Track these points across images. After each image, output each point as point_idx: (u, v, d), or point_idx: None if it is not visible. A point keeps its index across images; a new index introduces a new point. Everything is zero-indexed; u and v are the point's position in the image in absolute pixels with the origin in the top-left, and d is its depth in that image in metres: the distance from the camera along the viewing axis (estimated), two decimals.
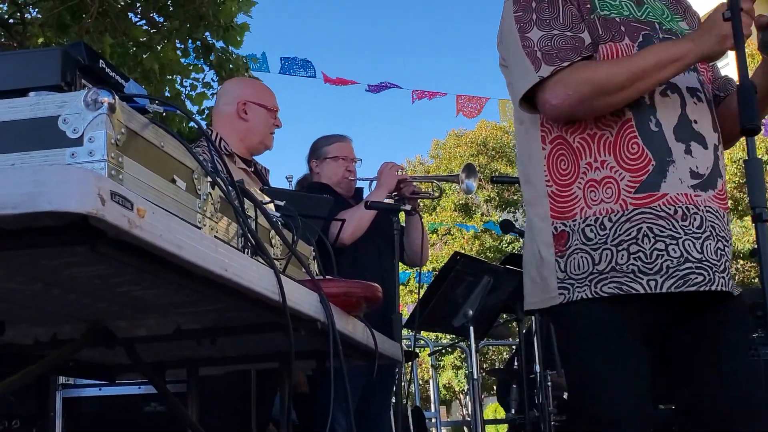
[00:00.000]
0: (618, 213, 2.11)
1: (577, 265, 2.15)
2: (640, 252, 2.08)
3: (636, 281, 2.08)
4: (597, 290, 2.11)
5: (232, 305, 1.62)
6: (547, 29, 2.18)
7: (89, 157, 1.29)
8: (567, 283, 2.16)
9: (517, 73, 2.22)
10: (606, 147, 2.15)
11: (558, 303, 2.18)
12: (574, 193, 2.17)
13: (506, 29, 2.28)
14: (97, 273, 1.34)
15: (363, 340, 2.18)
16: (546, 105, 2.15)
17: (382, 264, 4.02)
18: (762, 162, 1.71)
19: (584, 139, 2.17)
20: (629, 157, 2.12)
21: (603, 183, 2.14)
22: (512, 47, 2.24)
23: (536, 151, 2.27)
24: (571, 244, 2.17)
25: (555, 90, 2.12)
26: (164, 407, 3.64)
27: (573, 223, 2.17)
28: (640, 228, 2.09)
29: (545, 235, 2.23)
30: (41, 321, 1.78)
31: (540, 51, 2.15)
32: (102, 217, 0.98)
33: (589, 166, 2.16)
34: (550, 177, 2.22)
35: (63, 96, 1.33)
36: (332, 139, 4.35)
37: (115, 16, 6.91)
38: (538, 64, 2.14)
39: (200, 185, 1.67)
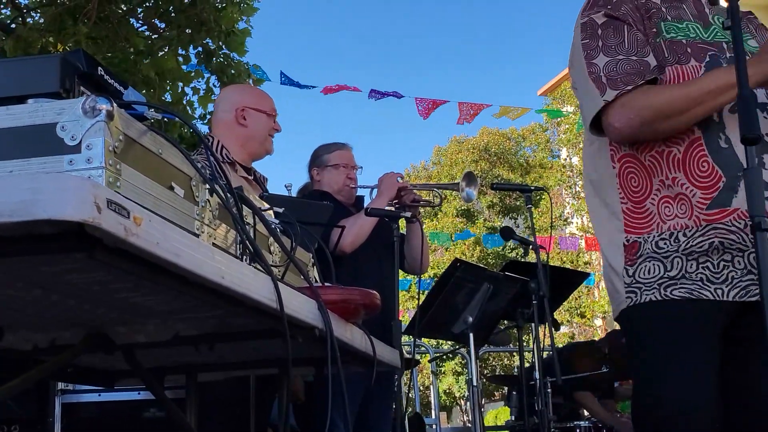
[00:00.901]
0: (692, 228, 2.18)
1: (648, 270, 2.23)
2: (708, 262, 2.17)
3: (705, 288, 2.17)
4: (667, 293, 2.19)
5: (231, 312, 1.63)
6: (613, 55, 2.26)
7: (87, 164, 1.29)
8: (634, 287, 2.25)
9: (586, 99, 2.30)
10: (675, 164, 2.22)
11: (625, 307, 2.26)
12: (648, 209, 2.26)
13: (575, 56, 2.36)
14: (97, 279, 1.34)
15: (361, 347, 2.18)
16: (610, 128, 2.24)
17: (382, 271, 4.02)
18: (761, 171, 1.71)
19: (654, 157, 2.25)
20: (699, 175, 2.19)
21: (677, 199, 2.21)
22: (580, 73, 2.32)
23: (607, 169, 2.36)
24: (642, 253, 2.25)
25: (618, 114, 2.21)
26: (164, 413, 3.63)
27: (648, 236, 2.25)
28: (712, 242, 2.17)
29: (617, 247, 2.31)
30: (40, 327, 1.78)
31: (605, 76, 2.23)
32: (98, 225, 0.98)
33: (662, 184, 2.23)
34: (624, 194, 2.31)
35: (61, 103, 1.34)
36: (333, 147, 4.35)
37: (117, 21, 6.92)
38: (603, 89, 2.22)
39: (198, 192, 1.67)
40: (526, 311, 4.85)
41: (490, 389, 24.88)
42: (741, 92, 1.71)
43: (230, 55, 7.31)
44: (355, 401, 3.75)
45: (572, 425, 5.99)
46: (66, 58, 1.51)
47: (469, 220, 27.19)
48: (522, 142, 29.91)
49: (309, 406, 3.59)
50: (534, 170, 28.37)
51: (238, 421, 3.04)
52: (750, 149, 1.68)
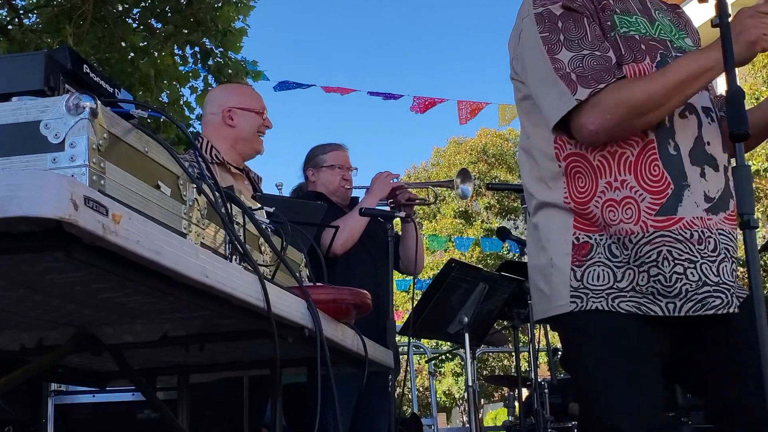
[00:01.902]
0: (638, 235, 2.09)
1: (597, 276, 2.13)
2: (660, 275, 2.07)
3: (655, 303, 2.08)
4: (614, 305, 2.10)
5: (218, 312, 1.61)
6: (577, 50, 2.13)
7: (70, 162, 1.28)
8: (581, 293, 2.14)
9: (549, 96, 2.16)
10: (626, 166, 2.12)
11: (569, 311, 2.15)
12: (591, 212, 2.15)
13: (529, 49, 2.23)
14: (78, 279, 1.34)
15: (353, 347, 2.17)
16: (582, 130, 2.11)
17: (376, 272, 4.00)
18: (750, 168, 1.70)
19: (604, 157, 2.14)
20: (650, 179, 2.10)
21: (623, 203, 2.11)
22: (539, 69, 2.19)
23: (550, 166, 2.24)
24: (593, 256, 2.14)
25: (592, 115, 2.07)
26: (158, 414, 3.62)
27: (600, 237, 2.15)
28: (660, 251, 2.08)
29: (562, 245, 2.20)
30: (27, 327, 1.77)
31: (573, 73, 2.11)
32: (75, 222, 0.97)
33: (608, 186, 2.13)
34: (569, 194, 2.20)
35: (45, 101, 1.32)
36: (328, 147, 4.33)
37: (113, 22, 6.91)
38: (573, 87, 2.09)
39: (186, 191, 1.65)
40: (522, 311, 4.84)
41: (489, 390, 24.87)
42: (729, 88, 1.70)
43: (227, 54, 7.30)
44: (350, 402, 3.73)
45: (570, 425, 5.98)
46: (51, 55, 1.49)
47: (467, 221, 27.19)
48: None
49: (301, 407, 3.58)
50: None
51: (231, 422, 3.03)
52: (739, 146, 1.67)
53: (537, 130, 2.29)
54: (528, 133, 2.35)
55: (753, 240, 1.64)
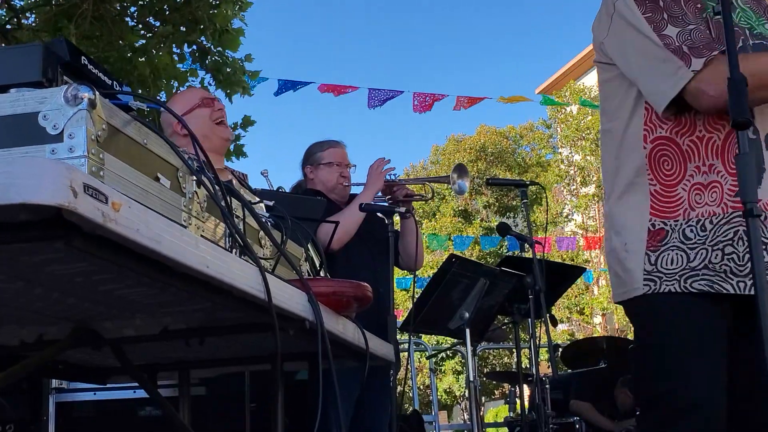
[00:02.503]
0: (719, 216, 2.14)
1: (671, 260, 2.18)
2: (734, 254, 2.12)
3: (727, 281, 2.12)
4: (686, 285, 2.15)
5: (218, 305, 1.61)
6: (683, 25, 2.18)
7: (69, 153, 1.27)
8: (654, 276, 2.19)
9: (658, 74, 2.18)
10: (714, 151, 2.17)
11: (641, 294, 2.21)
12: (678, 194, 2.20)
13: (631, 30, 2.25)
14: (78, 271, 1.33)
15: (354, 340, 2.16)
16: (703, 97, 2.11)
17: (376, 268, 4.00)
18: (753, 156, 1.69)
19: (693, 142, 2.19)
20: (733, 162, 2.12)
21: (709, 187, 2.17)
22: (645, 49, 2.21)
23: (635, 148, 2.28)
24: (668, 241, 2.19)
25: (713, 81, 2.08)
26: (159, 411, 3.62)
27: (675, 223, 2.20)
28: (737, 231, 2.12)
29: (638, 230, 2.25)
30: (27, 321, 1.76)
31: (684, 45, 2.14)
32: (74, 209, 0.96)
33: (697, 170, 2.18)
34: (653, 176, 2.24)
35: (43, 92, 1.32)
36: (326, 144, 4.32)
37: (111, 20, 6.89)
38: (687, 60, 2.12)
39: (185, 183, 1.65)
40: (523, 306, 4.83)
41: (490, 387, 24.86)
42: (731, 75, 1.69)
43: (225, 53, 7.28)
44: (350, 397, 3.72)
45: (572, 420, 5.98)
46: (49, 47, 1.49)
47: (467, 220, 27.17)
48: (520, 140, 29.89)
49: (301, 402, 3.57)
50: (531, 169, 28.35)
51: None
52: (743, 134, 1.66)
53: (620, 113, 2.33)
54: (610, 116, 2.38)
55: (756, 228, 1.63)
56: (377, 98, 10.34)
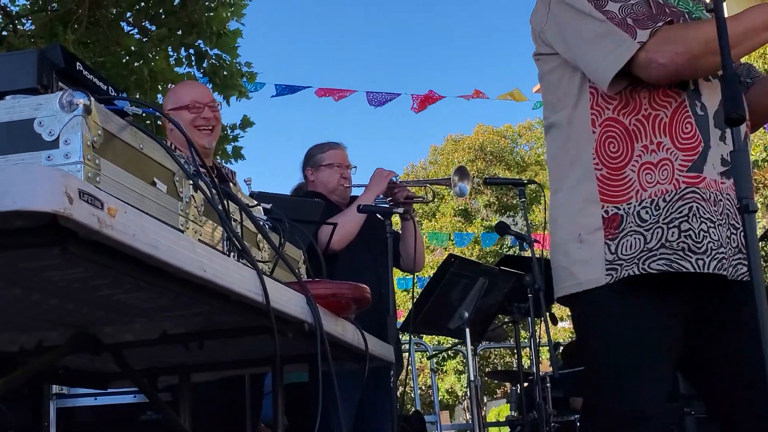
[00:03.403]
0: (672, 192, 2.11)
1: (629, 245, 2.13)
2: (690, 231, 2.08)
3: (685, 259, 2.07)
4: (645, 266, 2.10)
5: (217, 308, 1.61)
6: (623, 0, 2.15)
7: (65, 159, 1.28)
8: (616, 265, 2.14)
9: (602, 51, 2.15)
10: (661, 128, 2.14)
11: (603, 284, 2.15)
12: (627, 176, 2.16)
13: (569, 12, 2.23)
14: (75, 277, 1.33)
15: (353, 341, 2.16)
16: (653, 65, 2.08)
17: (377, 270, 4.00)
18: (748, 153, 1.70)
19: (639, 121, 2.16)
20: (683, 137, 2.13)
21: (659, 165, 2.13)
22: (587, 27, 2.18)
23: (584, 135, 2.24)
24: (624, 227, 2.15)
25: (662, 50, 2.07)
26: (160, 416, 3.61)
27: (628, 207, 2.15)
28: (690, 207, 2.10)
29: (591, 219, 2.20)
30: (26, 328, 1.76)
31: (629, 17, 2.12)
32: (70, 216, 0.96)
33: (645, 149, 2.15)
34: (599, 160, 2.20)
35: (38, 98, 1.32)
36: (326, 146, 4.32)
37: (107, 25, 6.89)
38: (632, 32, 2.10)
39: (182, 188, 1.65)
40: (523, 305, 4.84)
41: (492, 387, 24.86)
42: (724, 72, 1.69)
43: (222, 56, 7.28)
44: (351, 400, 3.72)
45: (573, 419, 5.97)
46: (43, 53, 1.49)
47: (467, 219, 27.18)
48: (518, 139, 29.91)
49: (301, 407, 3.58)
50: (530, 168, 28.36)
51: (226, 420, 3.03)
52: (736, 130, 1.66)
53: (565, 102, 2.30)
54: (555, 107, 2.35)
55: (752, 224, 1.63)
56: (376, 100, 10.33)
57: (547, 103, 2.38)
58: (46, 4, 7.26)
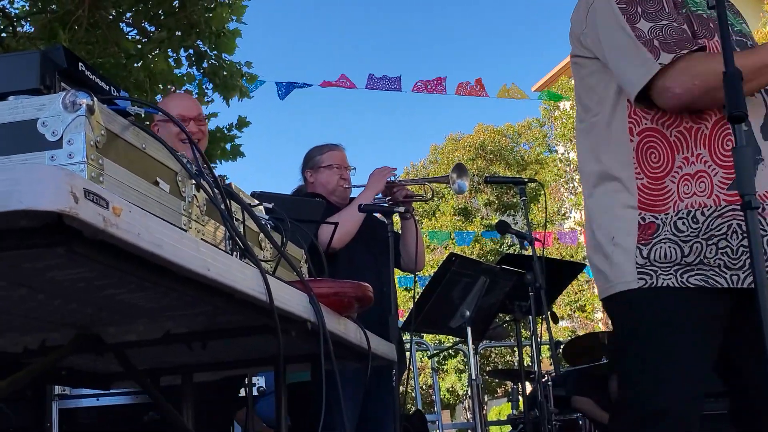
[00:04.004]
0: (711, 208, 2.13)
1: (664, 254, 2.16)
2: (727, 248, 2.11)
3: (720, 275, 2.11)
4: (683, 280, 2.14)
5: (220, 308, 1.61)
6: (656, 21, 2.18)
7: (69, 159, 1.28)
8: (649, 270, 2.17)
9: (630, 64, 2.19)
10: (702, 140, 2.16)
11: (634, 288, 2.18)
12: (667, 187, 2.19)
13: (606, 21, 2.26)
14: (80, 276, 1.33)
15: (356, 340, 2.16)
16: (667, 93, 2.14)
17: (379, 270, 4.00)
18: (749, 149, 1.70)
19: (681, 133, 2.19)
20: (723, 154, 2.14)
21: (696, 177, 2.15)
22: (619, 40, 2.22)
23: (621, 142, 2.26)
24: (659, 234, 2.17)
25: (678, 79, 2.11)
26: (163, 416, 3.61)
27: (665, 217, 2.18)
28: (730, 224, 2.12)
29: (626, 224, 2.22)
30: (30, 328, 1.76)
31: (656, 39, 2.15)
32: (76, 215, 0.97)
33: (685, 161, 2.17)
34: (640, 169, 2.23)
35: (41, 99, 1.32)
36: (325, 148, 4.32)
37: (107, 26, 6.89)
38: (656, 53, 2.13)
39: (185, 187, 1.65)
40: (524, 304, 4.84)
41: (493, 386, 24.86)
42: (727, 69, 1.69)
43: (222, 56, 7.28)
44: (355, 399, 3.73)
45: (575, 417, 5.97)
46: (46, 54, 1.49)
47: (467, 218, 27.17)
48: (518, 138, 29.92)
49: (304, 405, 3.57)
50: (530, 166, 28.37)
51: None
52: (738, 127, 1.67)
53: (603, 107, 2.32)
54: (592, 111, 2.37)
55: (754, 220, 1.63)
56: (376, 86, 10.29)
57: (584, 106, 2.41)
58: (45, 6, 7.26)
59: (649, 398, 2.15)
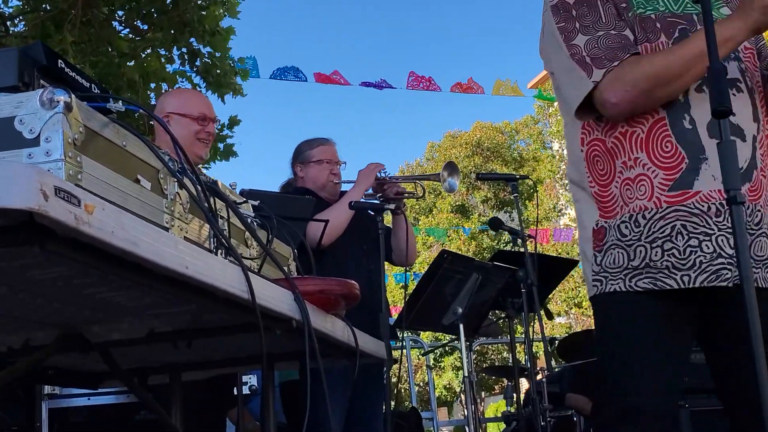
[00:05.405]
0: (652, 210, 2.14)
1: (613, 260, 2.20)
2: (673, 249, 2.11)
3: (670, 277, 2.12)
4: (631, 284, 2.16)
5: (204, 306, 1.60)
6: (592, 32, 2.20)
7: (46, 157, 1.27)
8: (601, 276, 2.22)
9: (569, 83, 2.24)
10: (638, 144, 2.17)
11: (593, 294, 2.25)
12: (612, 192, 2.22)
13: (549, 40, 2.31)
14: (59, 275, 1.32)
15: (343, 338, 2.15)
16: (606, 105, 2.16)
17: (368, 265, 3.99)
18: (735, 144, 1.69)
19: (617, 138, 2.20)
20: (662, 155, 2.14)
21: (637, 181, 2.17)
22: (559, 58, 2.26)
23: (577, 153, 2.32)
24: (607, 240, 2.22)
25: (613, 89, 2.13)
26: (154, 415, 3.61)
27: (612, 221, 2.21)
28: (674, 225, 2.12)
29: (588, 231, 2.29)
30: (12, 328, 1.75)
31: (588, 56, 2.18)
32: (46, 213, 0.96)
33: (624, 165, 2.19)
34: (592, 178, 2.28)
35: (18, 96, 1.31)
36: (315, 142, 4.30)
37: (99, 25, 6.87)
38: (589, 70, 2.17)
39: (167, 185, 1.64)
40: (517, 301, 4.83)
41: (489, 383, 24.88)
42: (711, 65, 1.68)
43: (215, 54, 7.26)
44: (343, 396, 3.72)
45: (570, 413, 5.98)
46: (25, 51, 1.48)
47: (464, 215, 27.18)
48: (515, 135, 29.93)
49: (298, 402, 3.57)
50: (527, 163, 28.38)
51: None
52: (724, 122, 1.66)
53: (567, 118, 2.36)
54: (564, 120, 2.41)
55: (740, 215, 1.62)
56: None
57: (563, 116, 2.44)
58: (38, 5, 7.24)
59: (621, 396, 2.18)
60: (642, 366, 2.16)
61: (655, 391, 2.15)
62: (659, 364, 2.17)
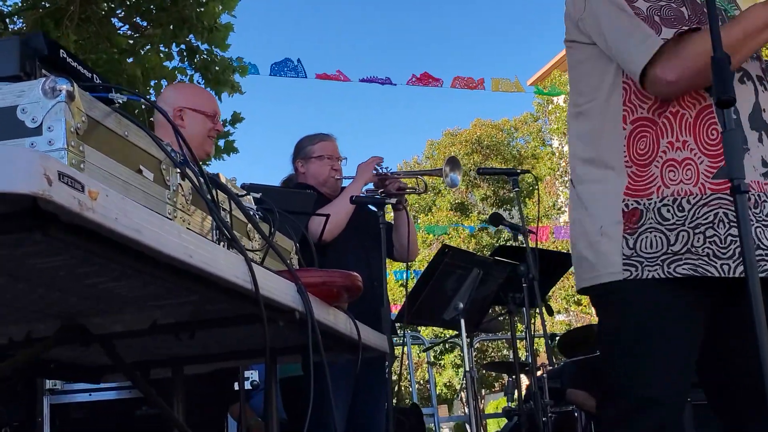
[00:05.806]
0: (697, 196, 2.11)
1: (650, 243, 2.14)
2: (715, 236, 2.09)
3: (710, 264, 2.09)
4: (670, 270, 2.11)
5: (207, 297, 1.60)
6: (653, 1, 2.16)
7: (49, 146, 1.27)
8: (635, 261, 2.15)
9: (632, 43, 2.16)
10: (686, 127, 2.14)
11: (621, 279, 2.17)
12: (651, 173, 2.16)
13: (604, 5, 2.23)
14: (61, 264, 1.31)
15: (346, 331, 2.15)
16: (661, 82, 2.11)
17: (369, 262, 3.99)
18: (738, 132, 1.68)
19: (667, 118, 2.17)
20: (708, 142, 2.13)
21: (683, 163, 2.14)
22: (618, 20, 2.19)
23: (615, 130, 2.24)
24: (644, 222, 2.16)
25: (670, 65, 2.09)
26: (156, 410, 3.60)
27: (649, 202, 2.16)
28: (716, 213, 2.10)
29: (614, 212, 2.20)
30: (14, 319, 1.74)
31: (656, 15, 2.13)
32: (50, 198, 0.95)
33: (670, 146, 2.15)
34: (629, 157, 2.21)
35: (21, 85, 1.31)
36: (316, 138, 4.30)
37: (98, 22, 6.86)
38: (657, 28, 2.10)
39: (169, 176, 1.64)
40: (518, 295, 4.84)
41: (490, 380, 24.88)
42: (715, 55, 1.68)
43: (213, 51, 7.25)
44: (347, 389, 3.72)
45: (570, 409, 5.98)
46: (26, 41, 1.48)
47: (464, 213, 27.18)
48: (514, 133, 29.92)
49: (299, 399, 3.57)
50: (527, 161, 28.37)
51: None
52: (727, 111, 1.65)
53: (598, 94, 2.30)
54: (586, 96, 2.34)
55: (744, 204, 1.62)
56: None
57: (578, 91, 2.38)
58: (37, 2, 7.23)
59: (638, 387, 2.14)
60: (664, 355, 2.13)
61: (673, 382, 2.14)
62: (679, 354, 2.15)
